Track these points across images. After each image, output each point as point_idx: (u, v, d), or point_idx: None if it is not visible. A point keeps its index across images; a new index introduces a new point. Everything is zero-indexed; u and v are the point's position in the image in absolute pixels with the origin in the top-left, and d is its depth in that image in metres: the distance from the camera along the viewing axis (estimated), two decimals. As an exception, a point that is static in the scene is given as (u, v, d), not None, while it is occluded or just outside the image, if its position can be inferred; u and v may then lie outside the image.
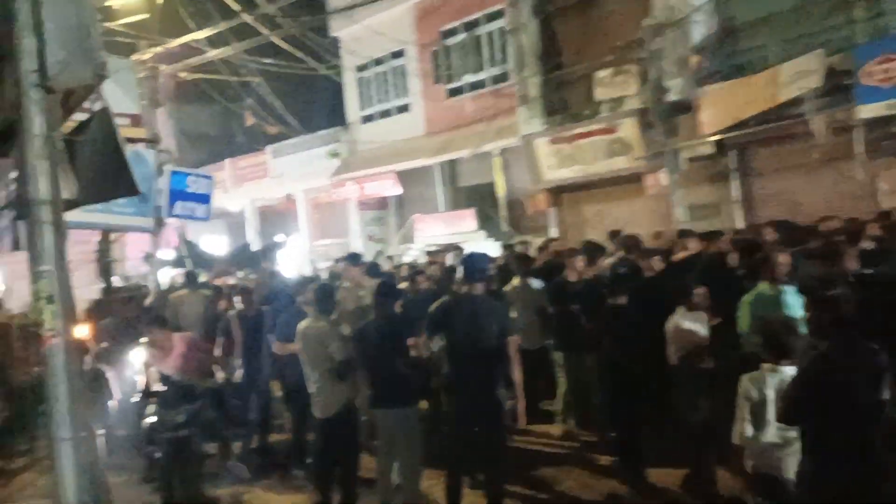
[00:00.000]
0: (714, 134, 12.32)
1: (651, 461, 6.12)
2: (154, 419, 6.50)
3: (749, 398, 4.06)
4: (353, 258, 8.94)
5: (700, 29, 12.91)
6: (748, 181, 13.04)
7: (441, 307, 5.59)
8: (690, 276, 6.44)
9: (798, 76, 10.80)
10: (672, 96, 12.79)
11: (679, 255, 8.31)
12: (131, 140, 8.50)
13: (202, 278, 12.05)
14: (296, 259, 17.78)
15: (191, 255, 13.00)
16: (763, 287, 5.66)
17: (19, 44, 3.63)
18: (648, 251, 8.06)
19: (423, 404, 6.73)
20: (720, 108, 12.08)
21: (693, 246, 8.37)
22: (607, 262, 8.40)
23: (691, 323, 5.75)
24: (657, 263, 7.48)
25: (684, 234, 9.46)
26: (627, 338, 6.03)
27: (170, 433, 6.30)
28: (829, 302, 3.67)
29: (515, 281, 8.19)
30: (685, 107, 12.73)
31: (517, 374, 5.40)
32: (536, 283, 8.16)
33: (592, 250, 8.13)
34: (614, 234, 9.73)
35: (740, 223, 12.35)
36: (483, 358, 5.24)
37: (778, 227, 8.29)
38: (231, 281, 11.21)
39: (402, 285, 8.45)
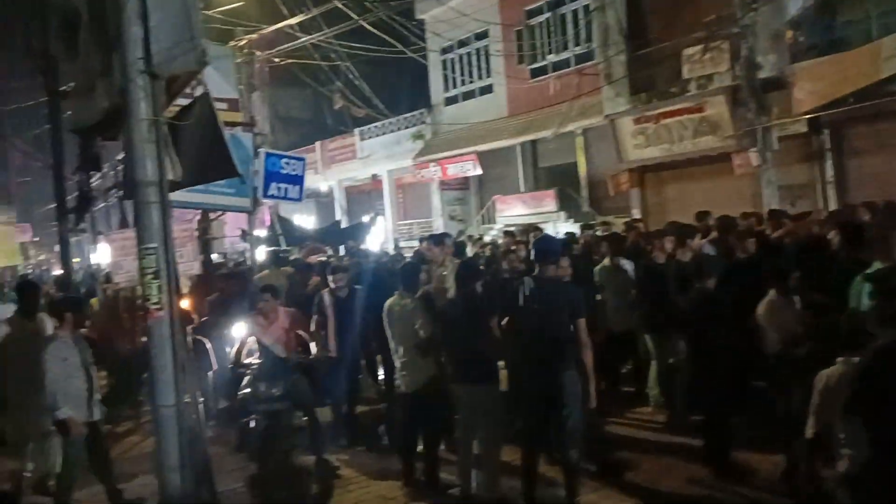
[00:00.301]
0: (809, 112, 11.86)
1: (740, 447, 5.99)
2: (248, 390, 6.64)
3: (822, 392, 3.95)
4: (436, 238, 9.08)
5: (796, 2, 12.38)
6: (843, 161, 12.50)
7: (512, 289, 5.64)
8: (784, 259, 6.19)
9: (901, 50, 10.28)
10: (764, 73, 12.37)
11: (776, 234, 8.03)
12: (229, 124, 8.88)
13: (294, 255, 12.50)
14: (381, 238, 18.13)
15: (284, 233, 13.43)
16: (878, 268, 5.38)
17: (126, 33, 3.90)
18: (744, 233, 7.82)
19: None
20: (816, 84, 11.61)
21: (786, 225, 8.07)
22: (700, 242, 8.17)
23: (786, 308, 5.55)
24: (751, 245, 7.27)
25: (775, 214, 9.17)
26: (716, 321, 5.89)
27: (265, 405, 6.42)
28: (893, 291, 3.53)
29: (605, 262, 8.00)
30: (778, 84, 12.29)
31: (588, 356, 5.41)
32: (628, 265, 7.96)
33: (682, 232, 7.91)
34: (702, 216, 9.45)
35: (833, 205, 11.86)
36: (553, 339, 5.26)
37: (879, 209, 7.94)
38: (322, 258, 11.54)
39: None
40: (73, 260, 12.23)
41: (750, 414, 6.18)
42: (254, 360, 6.78)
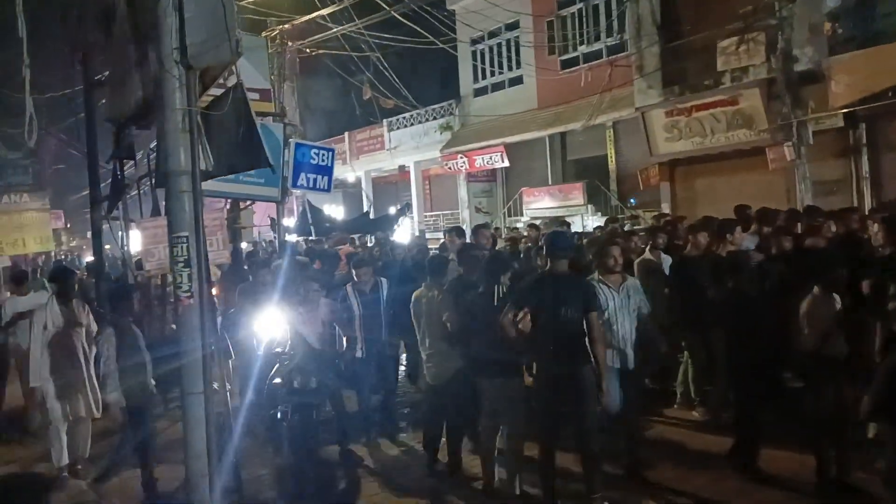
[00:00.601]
0: (847, 105, 11.61)
1: (769, 445, 5.90)
2: (279, 381, 6.50)
3: None
4: (458, 230, 9.04)
5: (835, -8, 12.15)
6: (879, 156, 12.24)
7: (524, 284, 5.60)
8: (829, 256, 6.01)
9: (944, 43, 10.03)
10: (801, 66, 12.14)
11: (812, 242, 7.76)
12: (260, 114, 8.90)
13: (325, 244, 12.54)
14: (410, 229, 18.16)
15: (314, 223, 13.46)
16: None
17: (161, 23, 3.92)
18: (781, 229, 7.63)
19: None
20: (853, 77, 11.36)
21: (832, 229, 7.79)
22: (743, 236, 7.93)
23: (827, 306, 5.34)
24: (787, 242, 7.12)
25: (811, 210, 8.97)
26: (749, 318, 5.67)
27: (299, 398, 6.27)
28: None
29: (647, 254, 7.80)
30: (815, 77, 12.06)
31: (600, 351, 5.34)
32: (666, 259, 7.72)
33: (719, 226, 7.61)
34: (741, 210, 9.21)
35: (868, 201, 11.63)
36: (566, 334, 5.23)
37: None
38: (350, 248, 11.55)
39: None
40: (105, 247, 12.40)
41: (781, 412, 6.08)
42: (281, 349, 6.69)
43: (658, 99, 14.92)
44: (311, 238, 13.53)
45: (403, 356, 9.13)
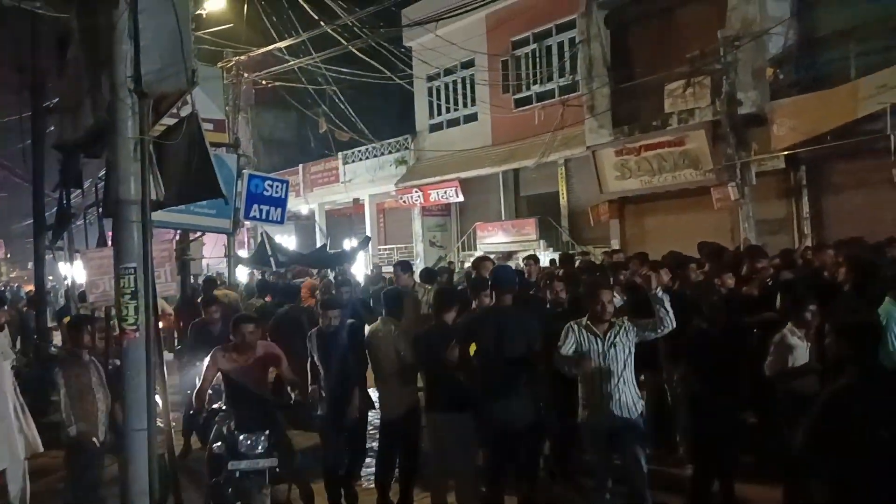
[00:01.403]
0: (788, 148, 12.05)
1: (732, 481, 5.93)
2: (220, 444, 5.53)
3: None
4: (403, 265, 9.01)
5: (777, 40, 12.66)
6: (819, 197, 12.71)
7: (469, 319, 5.62)
8: (800, 292, 6.09)
9: (879, 90, 10.50)
10: (745, 109, 12.58)
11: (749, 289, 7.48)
12: (214, 144, 8.80)
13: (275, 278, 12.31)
14: (361, 263, 18.04)
15: (273, 255, 13.21)
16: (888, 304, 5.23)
17: (116, 50, 3.89)
18: (723, 266, 7.65)
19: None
20: (795, 121, 11.81)
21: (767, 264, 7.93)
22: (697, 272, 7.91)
23: (797, 340, 5.35)
24: (728, 281, 7.21)
25: (753, 251, 9.13)
26: (706, 356, 5.63)
27: (248, 462, 5.31)
28: (850, 330, 3.49)
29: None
30: (758, 120, 12.50)
31: (545, 386, 5.33)
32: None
33: (683, 263, 7.54)
34: (703, 246, 9.29)
35: (809, 240, 12.00)
36: (511, 369, 5.26)
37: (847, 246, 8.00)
38: (312, 281, 11.38)
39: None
40: (48, 277, 12.05)
41: (742, 449, 6.12)
42: (221, 404, 6.04)
43: (608, 138, 15.27)
44: (272, 270, 13.27)
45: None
